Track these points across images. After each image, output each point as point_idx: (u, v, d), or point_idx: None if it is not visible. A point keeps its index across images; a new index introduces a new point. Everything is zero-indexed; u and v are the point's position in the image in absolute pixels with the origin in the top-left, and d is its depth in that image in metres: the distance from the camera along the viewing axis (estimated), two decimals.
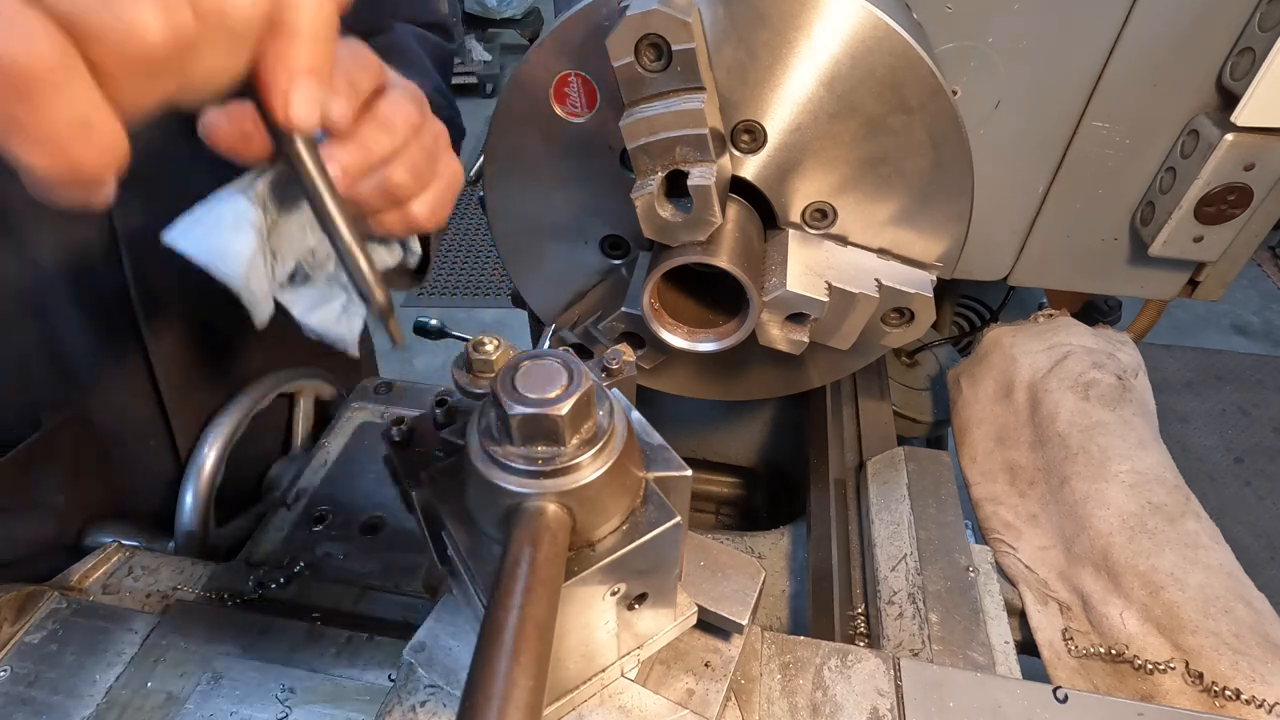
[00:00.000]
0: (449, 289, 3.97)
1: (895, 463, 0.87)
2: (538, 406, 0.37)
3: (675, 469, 0.45)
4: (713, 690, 0.52)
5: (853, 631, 0.75)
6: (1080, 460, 0.81)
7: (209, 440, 0.92)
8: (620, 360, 0.50)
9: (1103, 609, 0.74)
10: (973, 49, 0.76)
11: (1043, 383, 0.89)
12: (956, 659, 0.67)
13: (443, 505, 0.44)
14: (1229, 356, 3.47)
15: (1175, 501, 0.77)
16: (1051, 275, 0.92)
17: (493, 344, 0.50)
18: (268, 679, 0.67)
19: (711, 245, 0.62)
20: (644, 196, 0.60)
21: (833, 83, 0.60)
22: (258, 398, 0.98)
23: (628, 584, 0.44)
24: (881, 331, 0.70)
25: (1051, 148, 0.82)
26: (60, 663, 0.68)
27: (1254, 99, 0.69)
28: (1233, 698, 0.65)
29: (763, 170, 0.66)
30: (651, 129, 0.57)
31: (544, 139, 0.69)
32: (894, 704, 0.59)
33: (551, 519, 0.37)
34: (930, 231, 0.68)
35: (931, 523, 0.79)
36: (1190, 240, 0.80)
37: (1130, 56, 0.74)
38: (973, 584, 0.74)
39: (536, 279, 0.81)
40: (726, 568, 0.53)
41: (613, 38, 0.54)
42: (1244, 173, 0.74)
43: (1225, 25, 0.71)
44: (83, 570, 0.80)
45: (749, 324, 0.66)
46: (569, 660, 0.47)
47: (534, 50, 0.64)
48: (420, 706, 0.52)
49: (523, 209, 0.75)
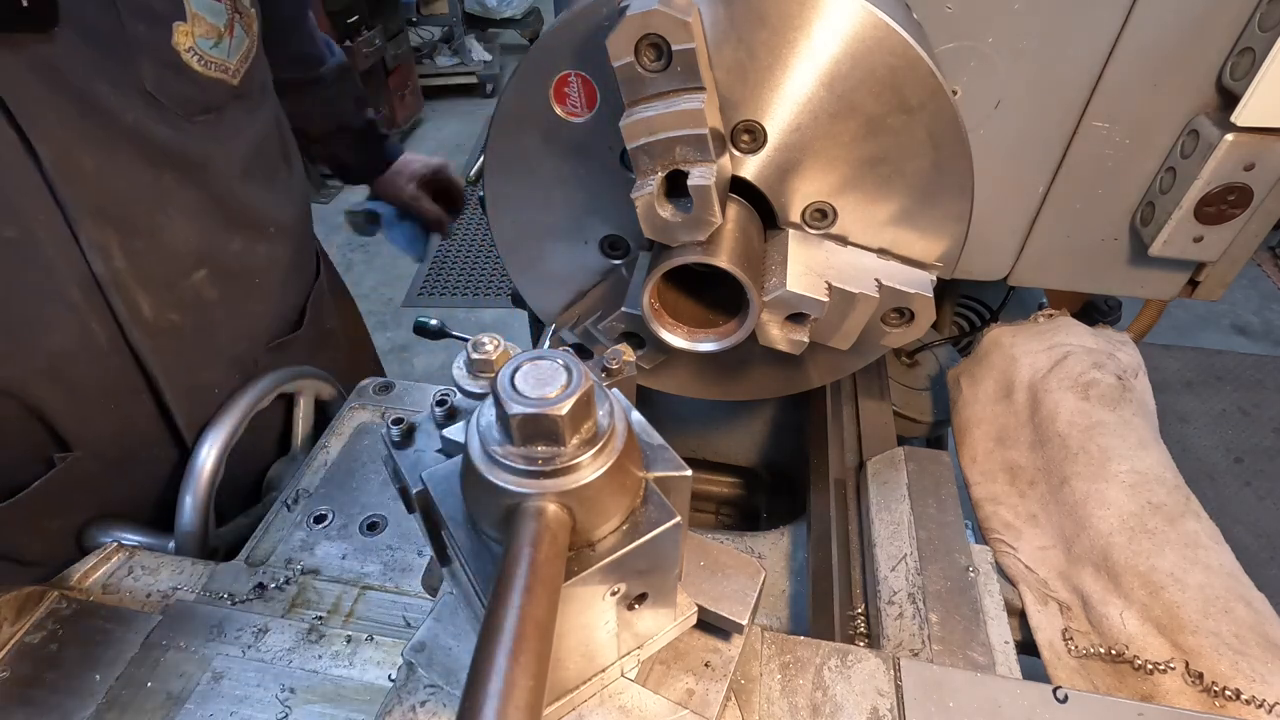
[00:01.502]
0: (449, 289, 3.97)
1: (895, 463, 0.87)
2: (538, 406, 0.37)
3: (675, 469, 0.45)
4: (713, 690, 0.52)
5: (853, 631, 0.75)
6: (1080, 460, 0.81)
7: (209, 440, 0.92)
8: (620, 360, 0.50)
9: (1103, 609, 0.74)
10: (973, 49, 0.76)
11: (1043, 383, 0.89)
12: (956, 659, 0.67)
13: (443, 505, 0.44)
14: (1229, 356, 3.47)
15: (1175, 501, 0.77)
16: (1051, 275, 0.92)
17: (493, 344, 0.50)
18: (268, 679, 0.67)
19: (711, 245, 0.62)
20: (644, 196, 0.60)
21: (833, 83, 0.60)
22: (258, 398, 0.98)
23: (628, 584, 0.44)
24: (881, 331, 0.70)
25: (1051, 148, 0.82)
26: (60, 663, 0.68)
27: (1254, 99, 0.69)
28: (1233, 698, 0.65)
29: (763, 170, 0.66)
30: (651, 129, 0.57)
31: (544, 139, 0.69)
32: (894, 704, 0.59)
33: (551, 519, 0.37)
34: (930, 231, 0.68)
35: (931, 523, 0.79)
36: (1190, 240, 0.80)
37: (1130, 56, 0.74)
38: (973, 584, 0.74)
39: (536, 279, 0.81)
40: (726, 568, 0.53)
41: (613, 38, 0.54)
42: (1244, 173, 0.74)
43: (1225, 25, 0.71)
44: (83, 570, 0.80)
45: (749, 324, 0.66)
46: (569, 660, 0.47)
47: (534, 50, 0.64)
48: (420, 706, 0.52)
49: (523, 209, 0.75)
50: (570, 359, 0.39)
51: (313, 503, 0.92)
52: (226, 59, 0.90)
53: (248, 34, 0.94)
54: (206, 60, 0.87)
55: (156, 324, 0.91)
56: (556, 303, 0.82)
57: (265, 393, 1.00)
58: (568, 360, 0.39)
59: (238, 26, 0.91)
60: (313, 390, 1.12)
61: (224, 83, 0.91)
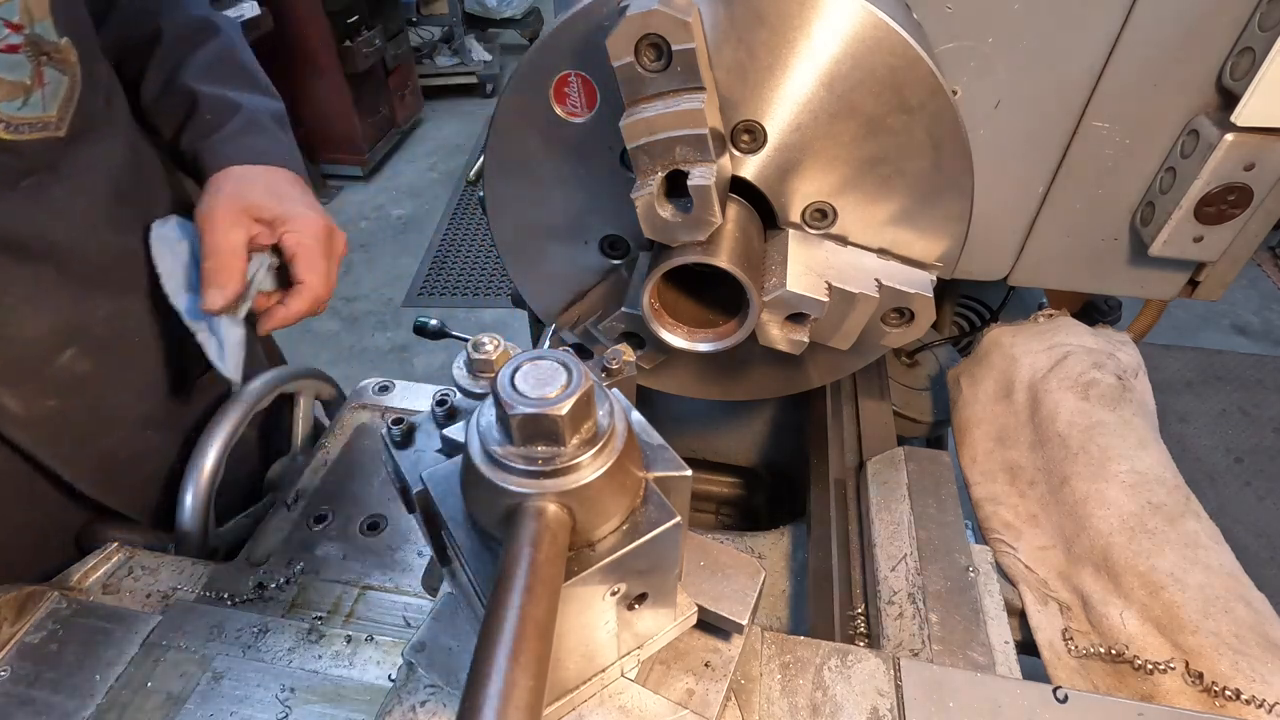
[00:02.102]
0: (449, 289, 3.97)
1: (895, 463, 0.87)
2: (538, 406, 0.37)
3: (675, 469, 0.45)
4: (713, 690, 0.52)
5: (853, 631, 0.75)
6: (1080, 460, 0.81)
7: (209, 440, 0.92)
8: (620, 360, 0.50)
9: (1103, 609, 0.74)
10: (973, 49, 0.76)
11: (1043, 383, 0.89)
12: (956, 659, 0.67)
13: (443, 505, 0.44)
14: (1229, 356, 3.47)
15: (1175, 501, 0.77)
16: (1051, 275, 0.92)
17: (493, 344, 0.50)
18: (268, 679, 0.67)
19: (711, 245, 0.62)
20: (644, 196, 0.60)
21: (833, 83, 0.60)
22: (258, 398, 0.98)
23: (628, 584, 0.44)
24: (881, 331, 0.70)
25: (1051, 148, 0.82)
26: (60, 663, 0.68)
27: (1254, 99, 0.69)
28: (1233, 698, 0.65)
29: (763, 170, 0.66)
30: (651, 129, 0.57)
31: (544, 139, 0.69)
32: (894, 704, 0.59)
33: (551, 519, 0.37)
34: (930, 231, 0.68)
35: (931, 523, 0.79)
36: (1190, 240, 0.80)
37: (1130, 56, 0.74)
38: (973, 584, 0.74)
39: (536, 279, 0.81)
40: (726, 568, 0.53)
41: (613, 38, 0.54)
42: (1244, 173, 0.74)
43: (1225, 25, 0.71)
44: (83, 570, 0.80)
45: (749, 324, 0.66)
46: (569, 660, 0.47)
47: (534, 50, 0.64)
48: (420, 706, 0.52)
49: (523, 209, 0.75)
50: (570, 359, 0.39)
51: (313, 503, 0.92)
52: (43, 113, 0.76)
53: (64, 70, 0.77)
54: (15, 124, 0.74)
55: (32, 416, 0.82)
56: (556, 303, 0.82)
57: (265, 393, 1.00)
58: (568, 360, 0.39)
59: (48, 70, 0.76)
60: (313, 390, 1.12)
61: (47, 139, 0.77)
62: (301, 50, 4.17)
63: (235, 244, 0.84)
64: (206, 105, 0.93)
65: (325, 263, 0.89)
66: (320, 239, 0.88)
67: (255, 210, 0.86)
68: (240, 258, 0.85)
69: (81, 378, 0.85)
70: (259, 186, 0.88)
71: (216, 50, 0.97)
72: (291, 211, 0.87)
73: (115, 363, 0.89)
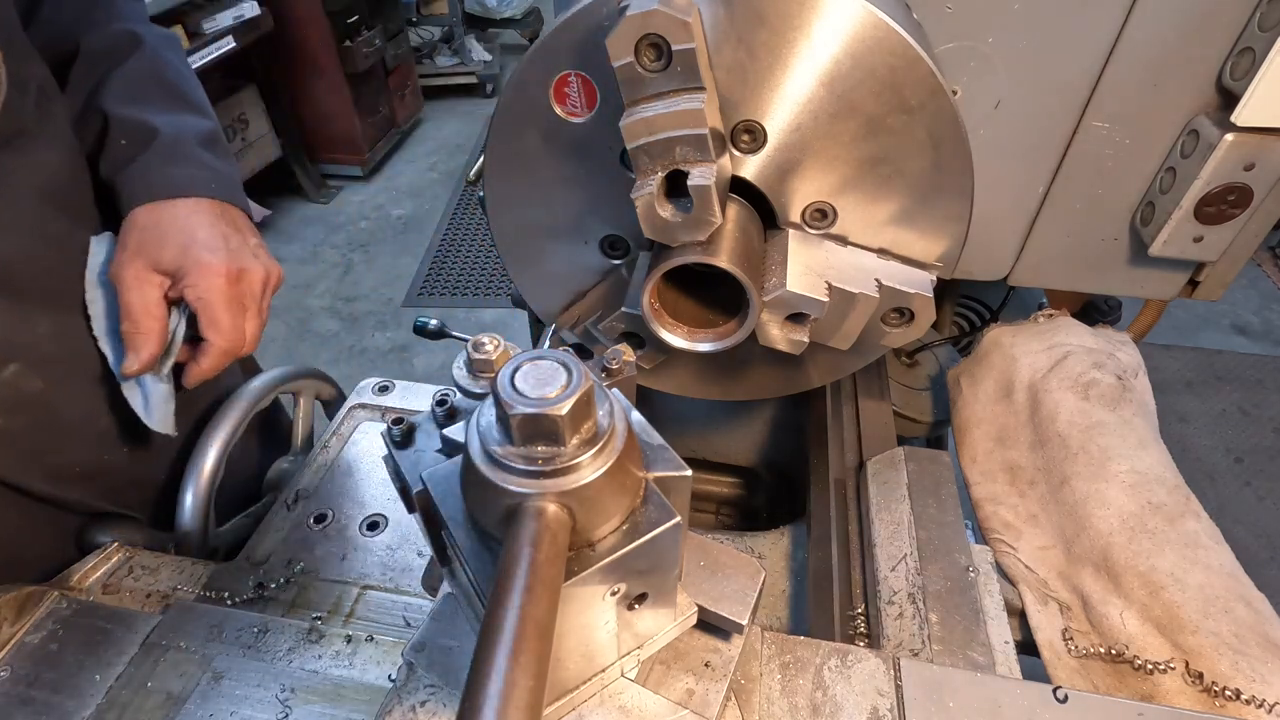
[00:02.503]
0: (449, 289, 3.97)
1: (895, 463, 0.87)
2: (538, 406, 0.37)
3: (675, 469, 0.45)
4: (713, 690, 0.52)
5: (853, 631, 0.75)
6: (1080, 460, 0.81)
7: (209, 440, 0.92)
8: (620, 360, 0.50)
9: (1103, 609, 0.74)
10: (973, 49, 0.76)
11: (1043, 383, 0.89)
12: (956, 659, 0.67)
13: (443, 505, 0.44)
14: (1229, 356, 3.47)
15: (1175, 501, 0.77)
16: (1051, 275, 0.92)
17: (492, 344, 0.50)
18: (267, 679, 0.67)
19: (711, 245, 0.62)
20: (644, 196, 0.60)
21: (833, 83, 0.60)
22: (258, 398, 0.98)
23: (628, 584, 0.44)
24: (881, 331, 0.70)
25: (1051, 148, 0.82)
26: (60, 663, 0.68)
27: (1254, 99, 0.69)
28: (1233, 698, 0.65)
29: (763, 170, 0.66)
30: (651, 129, 0.57)
31: (544, 139, 0.69)
32: (894, 704, 0.59)
33: (551, 519, 0.37)
34: (930, 231, 0.68)
35: (931, 523, 0.79)
36: (1190, 240, 0.80)
37: (1130, 56, 0.74)
38: (973, 584, 0.74)
39: (536, 279, 0.81)
40: (726, 568, 0.53)
41: (613, 38, 0.54)
42: (1244, 173, 0.74)
43: (1225, 25, 0.71)
44: (83, 570, 0.80)
45: (749, 324, 0.66)
46: (569, 660, 0.47)
47: (534, 50, 0.64)
48: (420, 706, 0.52)
49: (523, 209, 0.75)
50: (570, 359, 0.39)
51: (313, 503, 0.92)
52: None
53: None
54: None
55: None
56: (556, 303, 0.82)
57: (265, 393, 1.00)
58: (568, 360, 0.39)
59: None
60: (313, 390, 1.12)
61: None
62: (301, 50, 4.17)
63: (148, 303, 0.81)
64: (120, 130, 0.88)
65: (228, 316, 0.84)
66: (221, 290, 0.83)
67: (157, 264, 0.82)
68: (156, 318, 0.82)
69: (30, 396, 0.81)
70: (165, 234, 0.83)
71: (137, 67, 0.91)
72: (192, 263, 0.82)
73: (66, 380, 0.85)
